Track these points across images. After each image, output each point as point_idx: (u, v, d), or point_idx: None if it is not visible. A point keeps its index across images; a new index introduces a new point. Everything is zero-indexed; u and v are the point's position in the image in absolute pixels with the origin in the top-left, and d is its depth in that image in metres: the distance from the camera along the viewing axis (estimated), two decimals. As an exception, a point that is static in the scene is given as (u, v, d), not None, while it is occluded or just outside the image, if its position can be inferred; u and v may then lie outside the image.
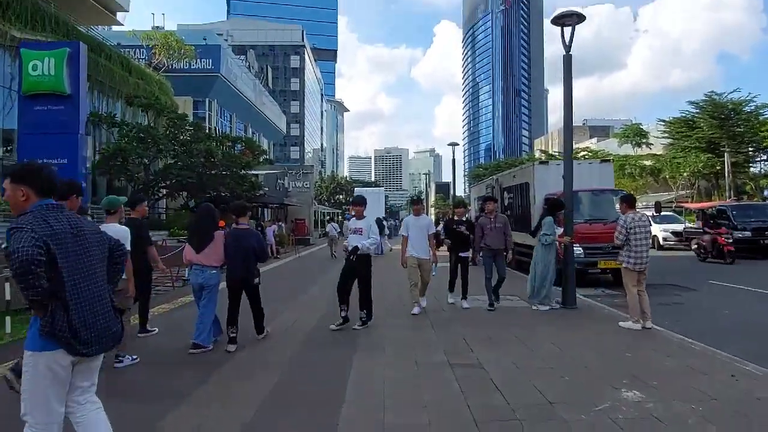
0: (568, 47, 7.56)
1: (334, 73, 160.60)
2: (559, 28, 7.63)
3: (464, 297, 7.72)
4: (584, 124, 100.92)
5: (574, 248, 8.56)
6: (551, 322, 6.63)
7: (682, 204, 25.13)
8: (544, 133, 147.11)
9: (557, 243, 7.55)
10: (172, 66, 30.93)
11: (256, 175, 21.10)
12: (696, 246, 15.85)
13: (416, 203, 7.74)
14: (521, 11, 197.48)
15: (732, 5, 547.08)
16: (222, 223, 16.69)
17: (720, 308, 8.15)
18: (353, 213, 6.50)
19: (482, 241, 7.64)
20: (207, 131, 19.39)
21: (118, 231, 4.28)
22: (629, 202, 6.46)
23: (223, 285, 5.51)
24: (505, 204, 14.49)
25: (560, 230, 7.61)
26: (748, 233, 15.24)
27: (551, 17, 7.61)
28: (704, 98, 34.50)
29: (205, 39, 34.30)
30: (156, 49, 28.01)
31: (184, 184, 17.34)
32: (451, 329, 6.28)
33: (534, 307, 7.43)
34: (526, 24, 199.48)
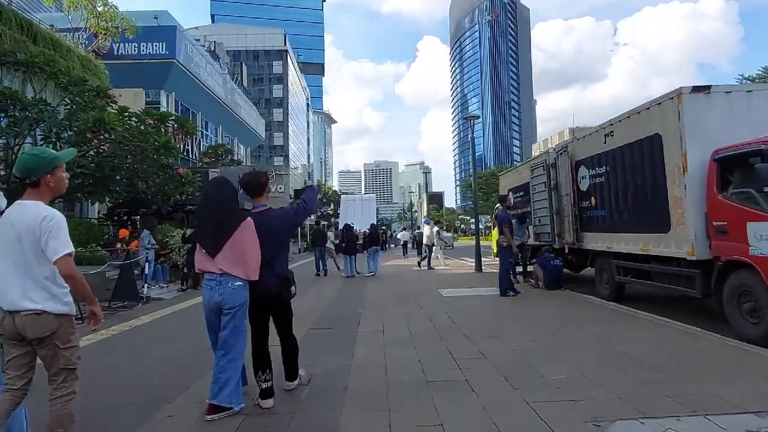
0: None
1: (322, 87, 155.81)
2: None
3: None
4: (577, 128, 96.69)
5: None
6: None
7: None
8: (535, 141, 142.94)
9: None
10: (113, 48, 25.19)
11: (196, 171, 15.02)
12: None
13: None
14: (508, 21, 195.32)
15: (710, 15, 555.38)
16: (125, 232, 9.32)
17: None
18: None
19: None
20: (118, 105, 13.24)
21: None
22: None
23: None
24: (584, 189, 8.61)
25: None
26: None
27: None
28: (760, 72, 29.26)
29: (156, 18, 28.42)
30: (86, 17, 22.02)
31: (72, 176, 11.31)
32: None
33: None
34: (513, 35, 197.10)
